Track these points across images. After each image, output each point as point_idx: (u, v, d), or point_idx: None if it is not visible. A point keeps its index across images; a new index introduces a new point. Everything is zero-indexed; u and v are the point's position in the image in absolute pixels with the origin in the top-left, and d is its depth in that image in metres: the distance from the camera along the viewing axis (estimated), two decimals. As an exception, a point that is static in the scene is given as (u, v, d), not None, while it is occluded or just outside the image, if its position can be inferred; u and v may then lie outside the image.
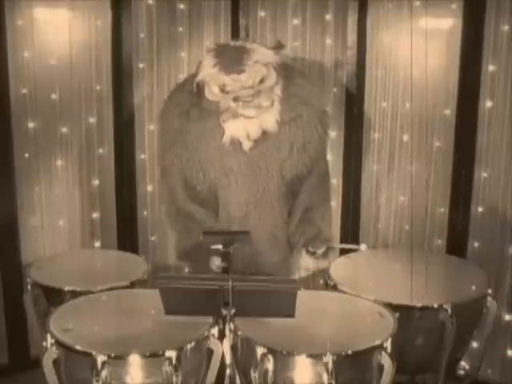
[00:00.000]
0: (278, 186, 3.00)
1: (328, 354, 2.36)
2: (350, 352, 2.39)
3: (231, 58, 2.82)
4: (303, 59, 3.72)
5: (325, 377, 2.35)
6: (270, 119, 2.90)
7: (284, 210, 3.07)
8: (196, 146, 2.95)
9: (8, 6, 3.43)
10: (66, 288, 3.01)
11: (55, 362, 2.51)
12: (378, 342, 2.45)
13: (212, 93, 2.86)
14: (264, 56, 2.85)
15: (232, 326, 2.47)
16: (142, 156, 3.97)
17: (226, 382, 2.43)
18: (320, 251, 3.03)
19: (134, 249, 3.87)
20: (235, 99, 2.84)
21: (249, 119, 2.87)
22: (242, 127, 2.89)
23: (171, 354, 2.42)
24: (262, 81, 2.84)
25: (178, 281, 2.43)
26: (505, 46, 3.30)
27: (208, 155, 2.95)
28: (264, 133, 2.92)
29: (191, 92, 2.95)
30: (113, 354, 2.40)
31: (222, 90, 2.84)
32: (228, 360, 2.47)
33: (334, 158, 3.75)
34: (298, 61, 3.71)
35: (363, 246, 3.04)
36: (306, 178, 3.06)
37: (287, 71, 2.98)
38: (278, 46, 2.96)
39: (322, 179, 3.18)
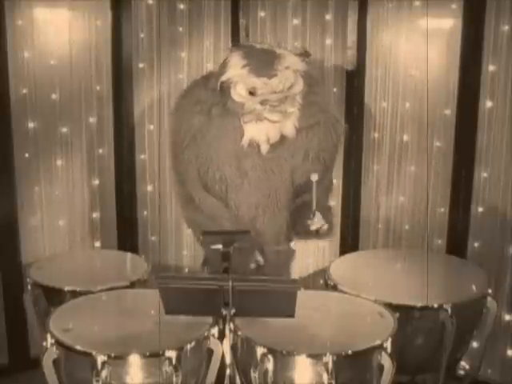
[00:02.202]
0: (287, 190, 3.01)
1: (328, 353, 2.36)
2: (350, 352, 2.40)
3: (262, 62, 2.82)
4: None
5: (325, 377, 2.35)
6: (288, 125, 2.91)
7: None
8: (215, 145, 2.94)
9: (8, 6, 3.43)
10: (66, 288, 3.01)
11: (55, 362, 2.51)
12: (377, 342, 2.46)
13: (238, 93, 2.85)
14: (293, 63, 2.87)
15: (232, 325, 2.47)
16: (142, 156, 3.96)
17: (226, 382, 2.43)
18: (314, 223, 2.85)
19: (134, 249, 3.87)
20: (262, 102, 2.83)
21: (271, 123, 2.87)
22: (264, 130, 2.89)
23: (171, 353, 2.42)
24: (290, 87, 2.85)
25: (178, 281, 2.43)
26: (505, 46, 3.29)
27: (226, 155, 2.94)
28: (282, 138, 2.92)
29: (215, 90, 2.92)
30: (113, 354, 2.40)
31: (251, 92, 2.84)
32: (228, 360, 2.47)
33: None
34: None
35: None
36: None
37: (309, 79, 2.99)
38: (305, 54, 2.97)
39: (328, 185, 3.17)
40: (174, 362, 2.41)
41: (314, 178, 2.74)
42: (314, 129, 2.96)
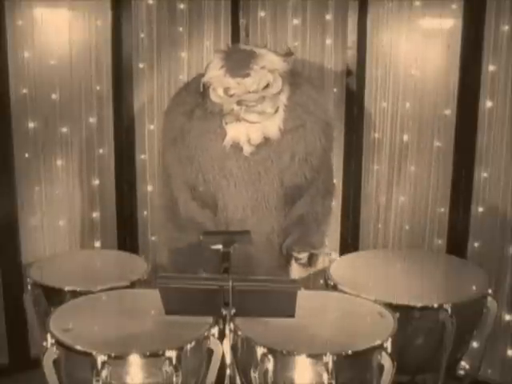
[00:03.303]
0: (277, 193, 3.00)
1: (328, 353, 2.36)
2: (350, 352, 2.39)
3: (238, 62, 2.82)
4: (303, 60, 3.72)
5: (325, 377, 2.35)
6: (272, 126, 2.89)
7: (282, 218, 3.06)
8: (197, 146, 2.95)
9: (8, 5, 3.43)
10: (66, 288, 3.01)
11: (55, 362, 2.51)
12: (378, 342, 2.45)
13: (216, 94, 2.86)
14: (271, 62, 2.85)
15: (232, 325, 2.47)
16: (142, 156, 3.97)
17: (226, 381, 2.43)
18: (302, 256, 3.01)
19: (134, 249, 3.87)
20: (239, 103, 2.83)
21: (251, 124, 2.87)
22: (244, 131, 2.89)
23: (171, 353, 2.42)
24: (266, 87, 2.83)
25: (178, 281, 2.43)
26: (505, 46, 3.30)
27: (208, 156, 2.95)
28: (266, 139, 2.91)
29: (197, 92, 2.95)
30: (113, 354, 2.40)
31: (226, 92, 2.84)
32: (228, 360, 2.47)
33: (334, 158, 3.74)
34: (298, 62, 3.71)
35: (333, 254, 3.02)
36: (307, 187, 3.05)
37: (295, 79, 2.97)
38: (288, 54, 2.96)
39: (325, 190, 3.15)
40: (174, 361, 2.41)
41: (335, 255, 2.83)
42: (299, 131, 2.93)
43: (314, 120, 2.95)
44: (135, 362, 2.41)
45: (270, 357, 2.40)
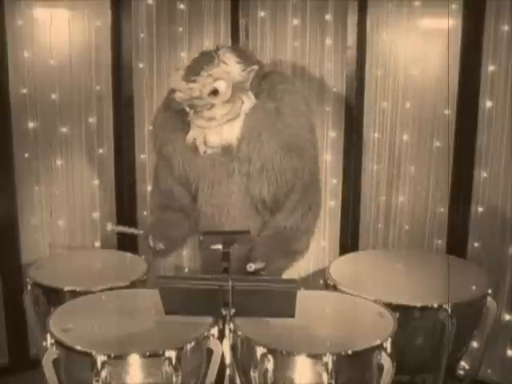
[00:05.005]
0: (243, 201, 3.00)
1: (328, 353, 2.36)
2: (349, 352, 2.40)
3: (193, 67, 2.87)
4: (303, 60, 3.72)
5: (325, 377, 2.35)
6: (231, 132, 2.90)
7: (249, 224, 3.02)
8: (169, 137, 3.02)
9: (8, 5, 3.43)
10: (66, 288, 3.01)
11: (55, 362, 2.51)
12: (377, 342, 2.46)
13: (177, 95, 2.91)
14: (225, 71, 2.84)
15: (232, 325, 2.47)
16: (142, 156, 3.97)
17: (225, 382, 2.43)
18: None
19: (134, 249, 3.87)
20: (190, 106, 2.89)
21: (207, 127, 2.90)
22: (200, 133, 2.92)
23: (171, 354, 2.42)
24: (215, 94, 2.83)
25: (178, 281, 2.44)
26: (505, 46, 3.29)
27: (183, 150, 3.00)
28: (228, 144, 2.92)
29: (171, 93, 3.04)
30: (113, 354, 2.40)
31: (178, 94, 2.90)
32: (228, 360, 2.46)
33: (334, 158, 3.75)
34: (297, 61, 3.72)
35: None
36: (275, 201, 3.00)
37: (265, 90, 2.96)
38: (251, 64, 2.91)
39: (307, 207, 3.07)
40: (173, 361, 2.41)
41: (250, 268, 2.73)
42: (252, 143, 2.91)
43: (269, 134, 2.90)
44: (135, 362, 2.42)
45: (269, 357, 2.40)
